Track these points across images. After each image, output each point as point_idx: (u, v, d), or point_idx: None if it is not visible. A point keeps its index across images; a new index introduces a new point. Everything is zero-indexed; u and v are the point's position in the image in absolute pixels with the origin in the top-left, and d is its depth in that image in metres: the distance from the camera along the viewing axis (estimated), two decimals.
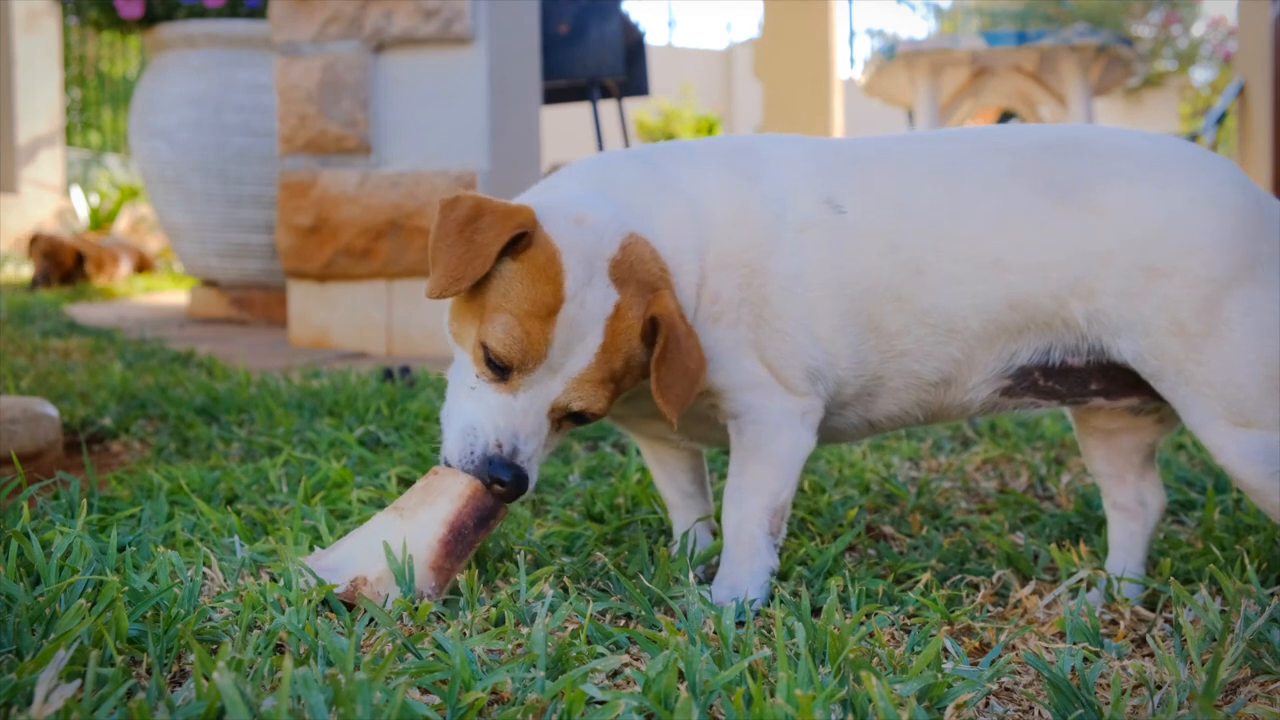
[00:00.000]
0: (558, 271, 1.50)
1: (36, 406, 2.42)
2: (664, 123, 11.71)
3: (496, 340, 1.50)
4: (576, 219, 1.54)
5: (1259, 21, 8.34)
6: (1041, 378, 1.62)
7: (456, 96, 4.71)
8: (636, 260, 1.54)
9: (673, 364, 1.51)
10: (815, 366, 1.63)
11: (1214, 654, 1.26)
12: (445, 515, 1.52)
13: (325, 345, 4.88)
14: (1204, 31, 15.77)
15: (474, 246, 1.49)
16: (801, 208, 1.62)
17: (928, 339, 1.61)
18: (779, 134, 1.77)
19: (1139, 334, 1.52)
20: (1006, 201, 1.57)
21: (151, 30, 5.85)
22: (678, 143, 1.78)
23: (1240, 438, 1.50)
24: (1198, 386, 1.50)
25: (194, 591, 1.45)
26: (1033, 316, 1.57)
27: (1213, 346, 1.49)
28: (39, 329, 5.17)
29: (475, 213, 1.52)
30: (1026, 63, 7.41)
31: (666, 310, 1.52)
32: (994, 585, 1.69)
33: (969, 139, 1.67)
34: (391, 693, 1.09)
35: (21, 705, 1.08)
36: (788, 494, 1.65)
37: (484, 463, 1.52)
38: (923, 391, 1.66)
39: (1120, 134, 1.63)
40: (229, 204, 5.73)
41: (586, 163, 1.74)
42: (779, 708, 1.11)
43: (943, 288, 1.58)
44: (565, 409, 1.54)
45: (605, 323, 1.51)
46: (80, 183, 12.57)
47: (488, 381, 1.53)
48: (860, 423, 1.73)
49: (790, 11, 11.61)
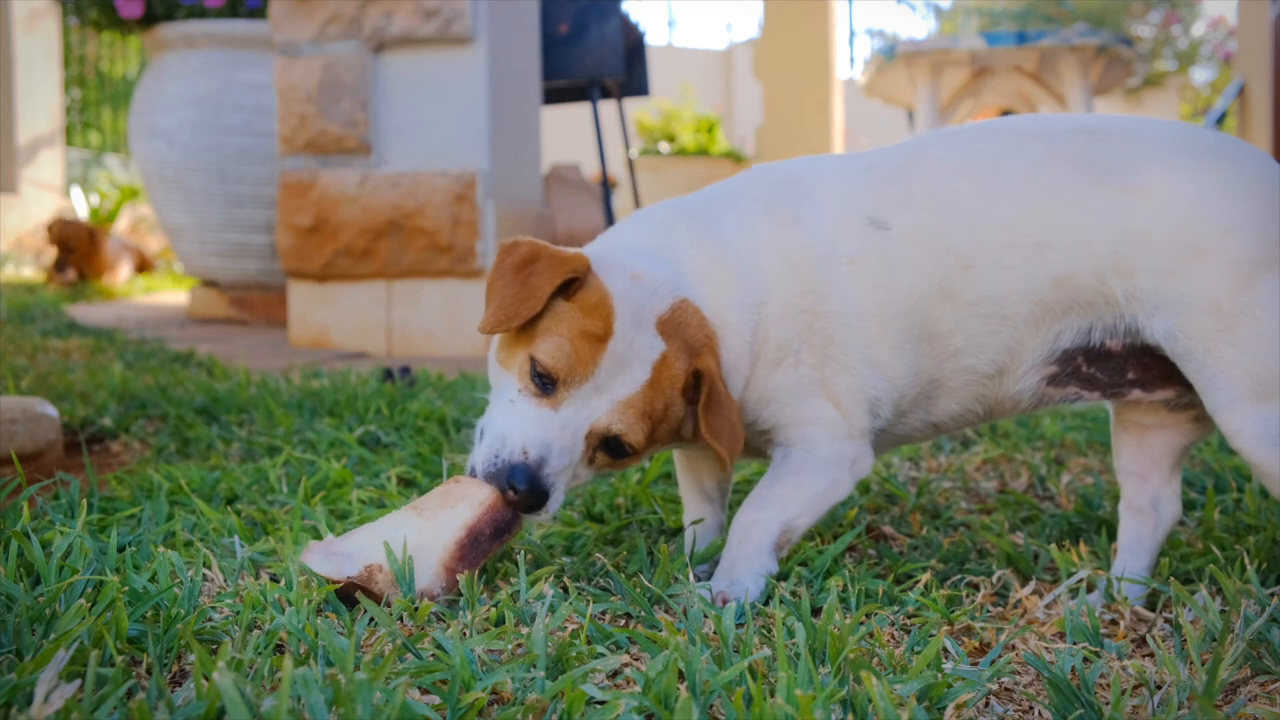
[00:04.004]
0: (608, 312, 1.55)
1: (36, 406, 2.42)
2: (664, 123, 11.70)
3: (545, 352, 1.54)
4: (632, 275, 1.59)
5: (1259, 21, 8.34)
6: (1084, 363, 1.65)
7: (456, 96, 4.71)
8: (684, 323, 1.60)
9: (720, 411, 1.58)
10: (876, 396, 1.68)
11: (1214, 654, 1.26)
12: (464, 520, 1.53)
13: (325, 345, 4.88)
14: (1204, 31, 15.77)
15: (527, 288, 1.55)
16: (849, 239, 1.66)
17: (981, 331, 1.65)
18: (813, 157, 1.80)
19: (1174, 312, 1.55)
20: (1047, 185, 1.61)
21: (151, 30, 5.85)
22: (724, 189, 1.79)
23: (1260, 419, 1.52)
24: (1225, 366, 1.53)
25: (194, 591, 1.45)
26: (1075, 295, 1.61)
27: (1244, 325, 1.52)
28: (39, 329, 5.17)
29: (532, 256, 1.58)
30: (1026, 63, 7.41)
31: (710, 366, 1.59)
32: (994, 585, 1.69)
33: (1004, 128, 1.70)
34: (391, 693, 1.09)
35: (21, 705, 1.08)
36: (805, 523, 1.69)
37: (505, 468, 1.53)
38: (980, 386, 1.70)
39: (1154, 122, 1.67)
40: (229, 204, 5.73)
41: (642, 216, 1.78)
42: (779, 708, 1.11)
43: (991, 277, 1.62)
44: (605, 431, 1.56)
45: (652, 364, 1.57)
46: (80, 183, 12.56)
47: (530, 395, 1.56)
48: (924, 425, 1.77)
49: (790, 11, 11.61)
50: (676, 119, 11.58)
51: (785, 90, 11.59)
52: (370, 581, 1.49)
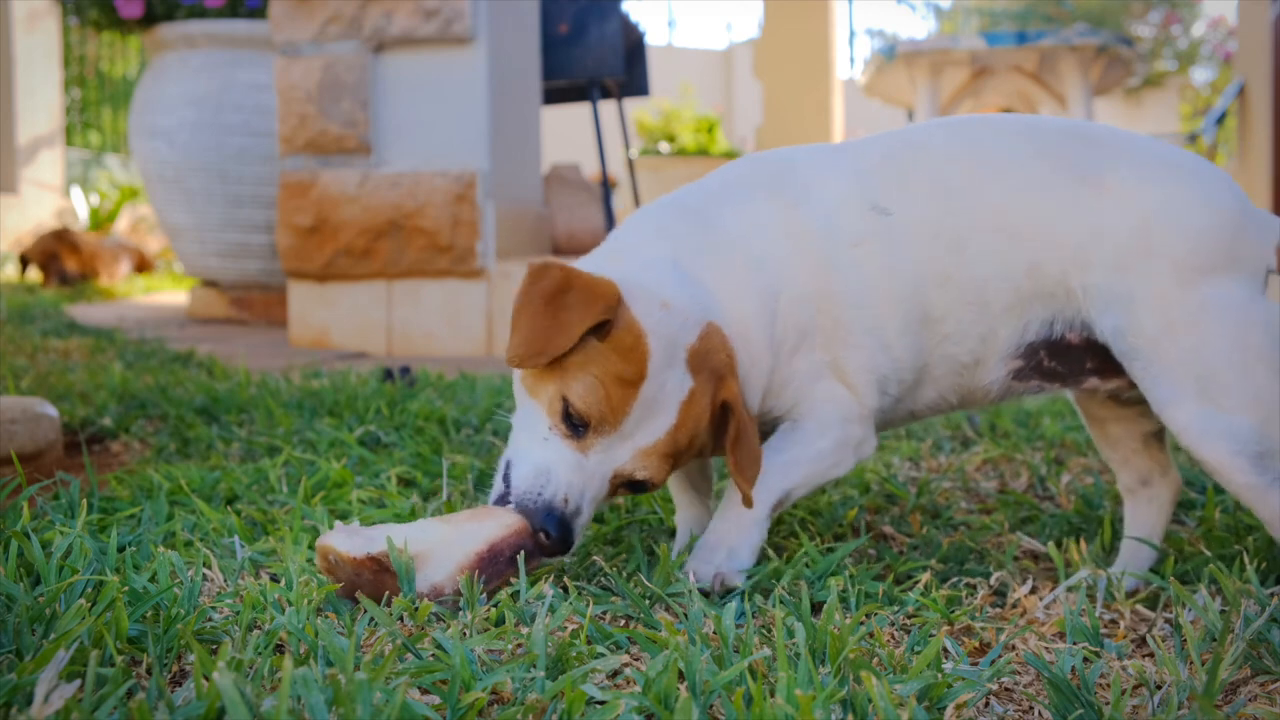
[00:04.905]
0: (643, 354, 1.55)
1: (36, 406, 2.42)
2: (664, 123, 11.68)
3: (579, 397, 1.53)
4: (662, 304, 1.59)
5: (1259, 21, 8.34)
6: (1046, 356, 1.70)
7: (456, 96, 4.71)
8: (710, 350, 1.61)
9: (746, 447, 1.59)
10: (885, 375, 1.72)
11: (1214, 654, 1.26)
12: (489, 535, 1.54)
13: (325, 345, 4.88)
14: (1204, 31, 15.77)
15: (558, 323, 1.52)
16: (851, 222, 1.69)
17: (965, 318, 1.69)
18: (807, 146, 1.83)
19: (1122, 309, 1.61)
20: (1029, 175, 1.67)
21: (151, 30, 5.85)
22: (718, 182, 1.79)
23: (1205, 417, 1.57)
24: (1170, 365, 1.58)
25: (194, 591, 1.45)
26: (1042, 284, 1.66)
27: (1188, 325, 1.58)
28: (39, 329, 5.17)
29: (563, 286, 1.54)
30: (1026, 63, 7.41)
31: (735, 398, 1.60)
32: (993, 585, 1.69)
33: (993, 120, 1.76)
34: (391, 693, 1.09)
35: (21, 705, 1.08)
36: (800, 494, 1.73)
37: (544, 508, 1.53)
38: (957, 375, 1.74)
39: (1134, 135, 1.74)
40: (229, 204, 5.73)
41: (647, 221, 1.76)
42: (779, 708, 1.11)
43: (980, 260, 1.67)
44: (628, 477, 1.58)
45: (679, 406, 1.57)
46: (80, 183, 12.56)
47: (561, 436, 1.56)
48: (904, 413, 1.81)
49: (790, 11, 11.61)
50: (676, 119, 11.57)
51: (785, 90, 11.59)
52: (389, 560, 1.49)
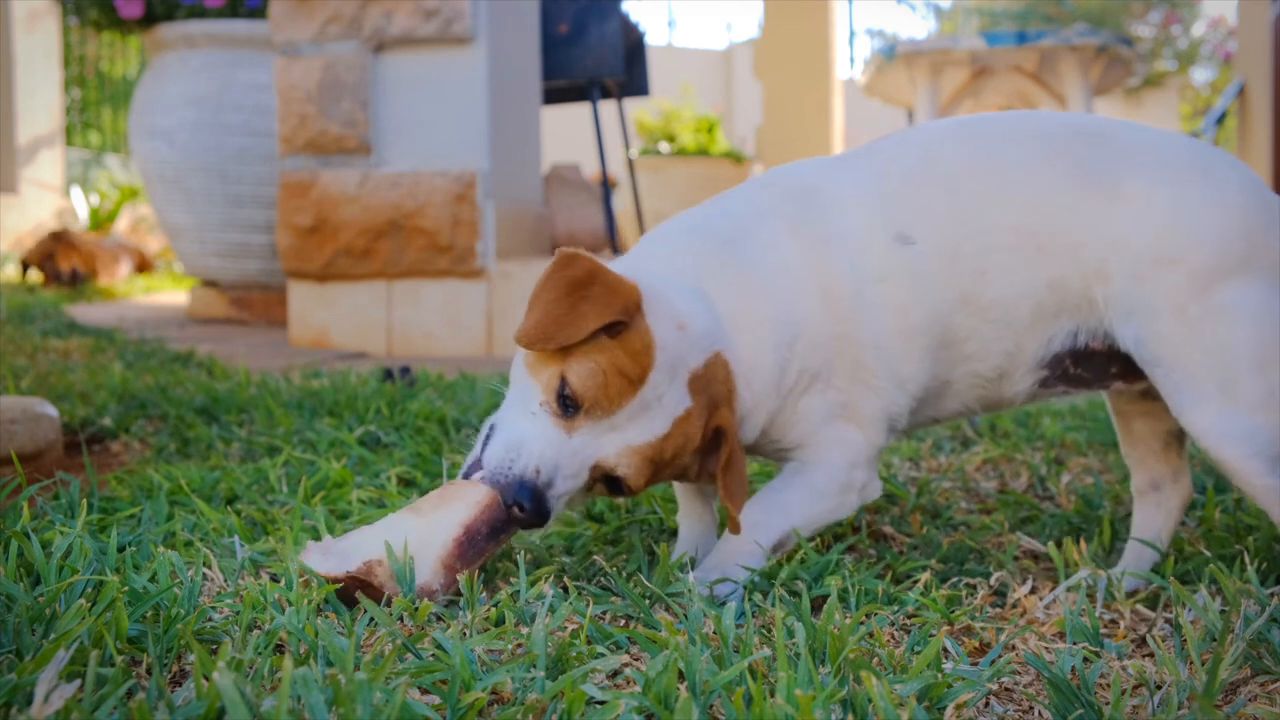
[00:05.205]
0: (649, 361, 1.55)
1: (36, 406, 2.42)
2: (664, 123, 11.67)
3: (578, 376, 1.53)
4: (679, 325, 1.59)
5: (1259, 21, 8.34)
6: (1071, 365, 1.71)
7: (456, 96, 4.71)
8: (713, 378, 1.61)
9: (736, 473, 1.60)
10: (896, 413, 1.73)
11: (1214, 654, 1.26)
12: (461, 518, 1.54)
13: (325, 345, 4.88)
14: (1204, 31, 15.76)
15: (575, 313, 1.53)
16: (876, 257, 1.68)
17: (989, 336, 1.69)
18: (824, 161, 1.80)
19: (1143, 318, 1.61)
20: (1044, 185, 1.65)
21: (151, 30, 5.85)
22: (742, 205, 1.76)
23: (1226, 419, 1.58)
24: (1192, 369, 1.59)
25: (194, 591, 1.45)
26: (1065, 298, 1.66)
27: (1209, 328, 1.58)
28: (39, 329, 5.17)
29: (588, 279, 1.55)
30: (1026, 63, 7.41)
31: (730, 425, 1.61)
32: (993, 585, 1.69)
33: (1009, 121, 1.74)
34: (391, 693, 1.09)
35: (21, 705, 1.08)
36: (805, 534, 1.72)
37: (514, 482, 1.53)
38: (981, 389, 1.75)
39: (1145, 130, 1.72)
40: (229, 204, 5.73)
41: (673, 241, 1.75)
42: (779, 708, 1.11)
43: (1000, 280, 1.66)
44: (609, 470, 1.58)
45: (674, 419, 1.58)
46: (80, 183, 12.55)
47: (550, 413, 1.56)
48: (926, 419, 1.82)
49: (790, 11, 11.60)
50: (676, 119, 11.56)
51: (785, 90, 11.57)
52: (370, 575, 1.49)
